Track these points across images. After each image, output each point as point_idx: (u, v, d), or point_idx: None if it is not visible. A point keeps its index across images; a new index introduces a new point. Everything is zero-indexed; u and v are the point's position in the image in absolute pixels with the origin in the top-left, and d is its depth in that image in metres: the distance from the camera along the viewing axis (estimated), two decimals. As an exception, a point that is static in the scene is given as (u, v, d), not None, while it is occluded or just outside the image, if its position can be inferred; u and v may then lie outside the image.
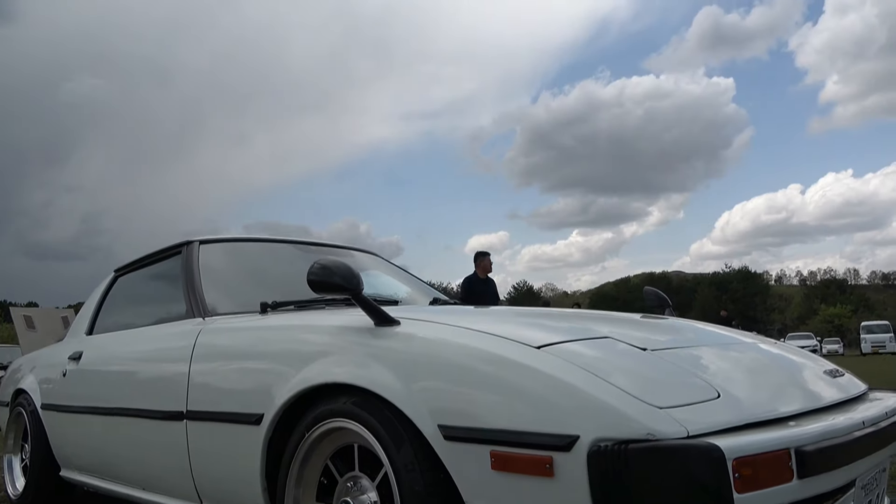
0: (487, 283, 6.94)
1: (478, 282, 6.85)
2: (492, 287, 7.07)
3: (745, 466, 1.06)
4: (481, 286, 6.84)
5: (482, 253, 7.03)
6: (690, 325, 2.02)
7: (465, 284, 6.92)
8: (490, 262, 6.98)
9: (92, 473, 2.69)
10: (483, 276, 6.88)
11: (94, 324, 3.07)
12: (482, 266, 6.87)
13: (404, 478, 1.36)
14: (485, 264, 6.88)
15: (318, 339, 1.70)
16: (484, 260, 6.91)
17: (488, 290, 6.93)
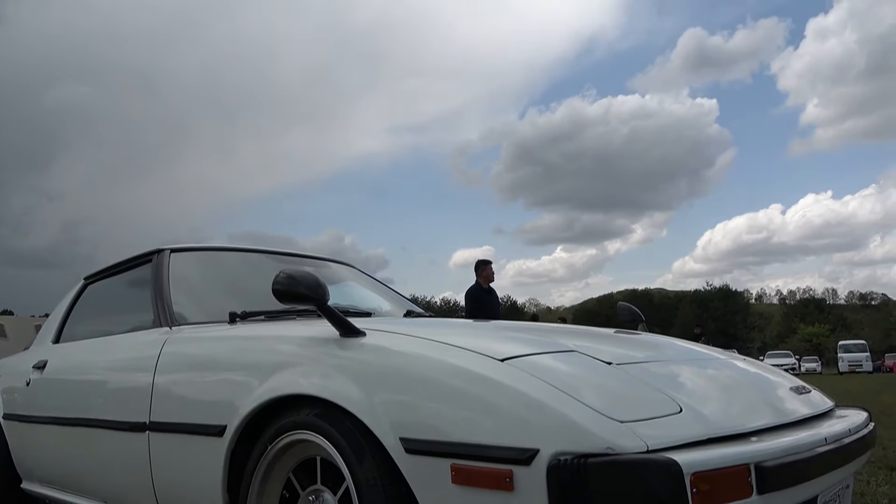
0: (491, 293, 6.61)
1: (482, 291, 6.49)
2: (494, 296, 6.74)
3: (703, 481, 1.06)
4: (487, 295, 6.51)
5: (483, 261, 6.68)
6: (661, 340, 2.03)
7: (471, 295, 6.51)
8: (492, 270, 6.64)
9: (53, 486, 2.62)
10: (486, 286, 6.54)
11: (61, 332, 3.01)
12: (484, 275, 6.54)
13: (366, 493, 1.34)
14: (487, 273, 6.56)
15: (284, 350, 1.68)
16: (486, 269, 6.59)
17: (494, 302, 6.64)
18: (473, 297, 6.46)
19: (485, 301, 6.40)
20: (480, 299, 6.42)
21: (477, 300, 6.42)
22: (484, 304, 6.35)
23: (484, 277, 6.52)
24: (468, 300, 6.52)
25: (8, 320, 7.74)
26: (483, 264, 6.61)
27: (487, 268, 6.56)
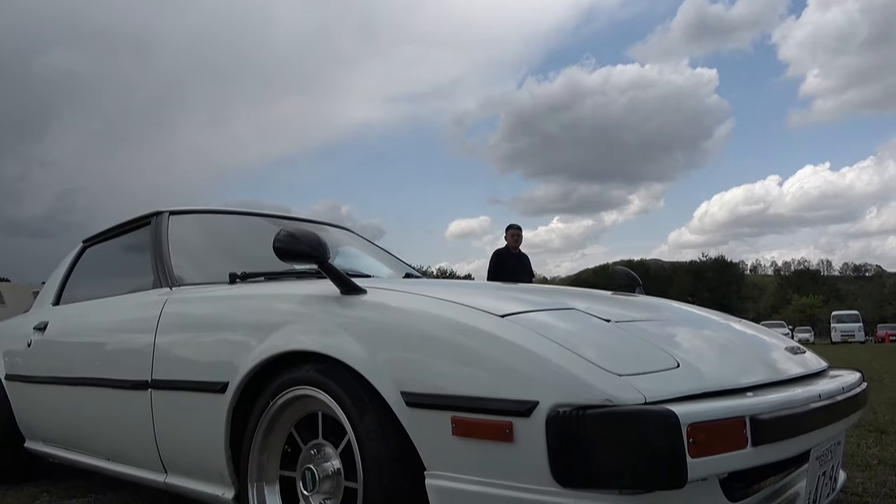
0: (520, 258, 6.38)
1: (508, 255, 6.30)
2: (525, 262, 6.46)
3: (700, 432, 1.08)
4: (513, 260, 6.28)
5: (511, 225, 6.45)
6: (658, 302, 2.04)
7: (495, 256, 6.34)
8: (520, 233, 6.41)
9: (57, 444, 2.65)
10: (514, 250, 6.32)
11: (60, 294, 3.02)
12: (511, 236, 6.31)
13: (367, 445, 1.36)
14: (509, 236, 6.32)
15: (284, 308, 1.69)
16: (510, 231, 6.35)
17: (521, 266, 6.34)
18: (496, 258, 6.35)
19: (507, 264, 6.22)
20: (503, 261, 6.27)
21: (499, 261, 6.29)
22: (506, 267, 6.17)
23: (511, 238, 6.33)
24: (491, 261, 6.40)
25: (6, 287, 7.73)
26: (509, 228, 6.43)
27: (511, 231, 6.37)
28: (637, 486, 1.07)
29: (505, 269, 6.13)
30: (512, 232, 6.35)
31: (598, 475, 1.08)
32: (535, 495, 1.15)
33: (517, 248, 6.37)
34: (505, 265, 6.19)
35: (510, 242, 6.33)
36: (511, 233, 6.35)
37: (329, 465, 1.51)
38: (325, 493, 1.51)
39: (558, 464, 1.11)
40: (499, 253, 6.35)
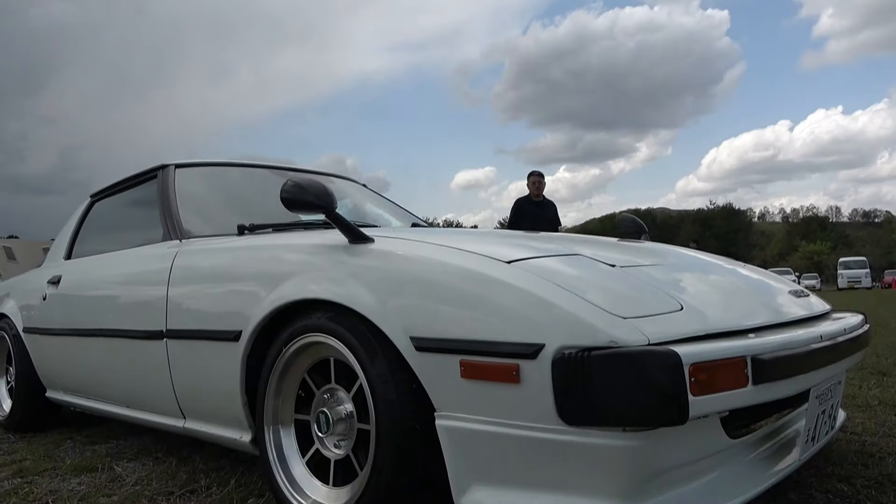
0: (543, 206, 6.10)
1: (530, 204, 6.05)
2: (550, 211, 6.16)
3: (701, 371, 1.11)
4: (535, 209, 6.02)
5: (532, 171, 6.19)
6: (664, 248, 2.06)
7: (515, 208, 6.10)
8: (542, 180, 6.11)
9: (76, 393, 2.74)
10: (536, 197, 6.06)
11: (71, 249, 3.06)
12: (532, 183, 6.05)
13: (378, 388, 1.41)
14: (530, 183, 6.05)
15: (294, 258, 1.72)
16: (530, 178, 6.09)
17: (544, 214, 6.05)
18: (516, 208, 6.12)
19: (529, 213, 5.99)
20: (524, 211, 6.05)
21: (519, 211, 6.07)
22: (527, 216, 5.93)
23: (533, 185, 6.08)
24: (511, 210, 6.20)
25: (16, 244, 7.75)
26: (530, 175, 6.17)
27: (532, 178, 6.11)
28: (640, 423, 1.11)
29: (526, 218, 5.90)
30: (533, 179, 6.09)
31: (603, 413, 1.12)
32: (541, 433, 1.19)
33: (540, 195, 6.10)
34: (526, 214, 5.96)
35: (531, 190, 6.07)
36: (532, 180, 6.09)
37: (342, 408, 1.56)
38: (339, 435, 1.56)
39: (564, 403, 1.15)
40: (519, 202, 6.12)
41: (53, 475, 2.26)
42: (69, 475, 2.25)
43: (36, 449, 2.69)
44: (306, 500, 1.57)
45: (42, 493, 2.05)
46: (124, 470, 2.26)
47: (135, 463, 2.37)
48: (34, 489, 2.09)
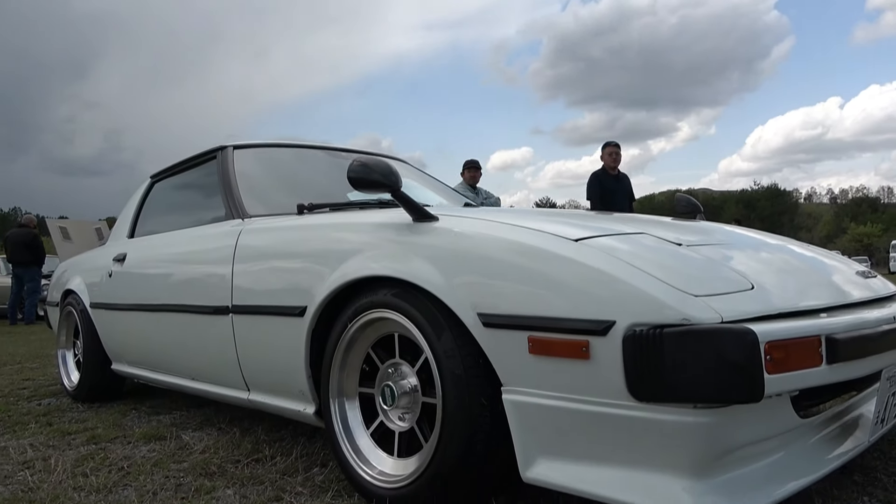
0: (620, 180, 5.80)
1: (607, 177, 5.72)
2: (626, 185, 5.86)
3: (777, 350, 1.11)
4: (612, 183, 5.71)
5: (607, 142, 5.86)
6: (722, 228, 2.04)
7: (593, 182, 5.70)
8: (619, 151, 5.76)
9: (141, 366, 2.85)
10: (613, 171, 5.75)
11: (134, 227, 3.17)
12: (609, 155, 5.71)
13: (445, 363, 1.44)
14: (612, 153, 5.71)
15: (358, 236, 1.75)
16: (605, 150, 5.75)
17: (622, 188, 5.77)
18: (596, 182, 5.69)
19: (608, 187, 5.64)
20: (602, 184, 5.65)
21: (599, 185, 5.66)
22: (606, 190, 5.60)
23: (605, 159, 5.74)
24: (589, 185, 5.76)
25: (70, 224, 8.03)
26: (605, 145, 5.84)
27: (608, 149, 5.74)
28: (714, 400, 1.12)
29: (606, 192, 5.57)
30: (609, 150, 5.73)
31: (675, 390, 1.13)
32: (610, 409, 1.21)
33: (616, 168, 5.76)
34: (606, 189, 5.60)
35: (608, 162, 5.74)
36: (608, 151, 5.73)
37: (406, 382, 1.60)
38: (403, 408, 1.60)
39: (634, 379, 1.16)
40: (597, 176, 5.74)
41: (125, 443, 2.38)
42: (139, 443, 2.36)
43: (105, 418, 2.82)
44: (372, 471, 1.63)
45: (117, 458, 2.16)
46: (191, 439, 2.36)
47: (200, 433, 2.47)
48: (109, 455, 2.20)
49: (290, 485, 1.80)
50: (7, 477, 2.01)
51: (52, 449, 2.32)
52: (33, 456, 2.22)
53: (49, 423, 2.77)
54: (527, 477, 1.33)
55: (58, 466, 2.06)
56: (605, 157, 5.77)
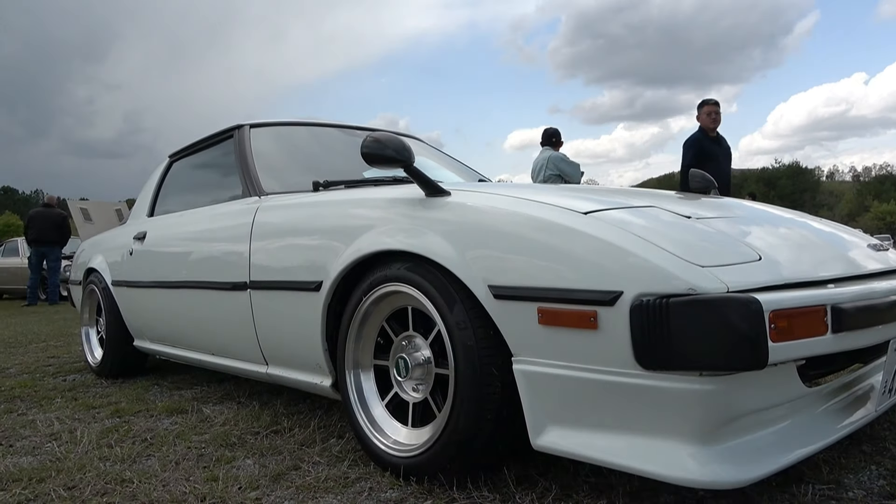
0: (720, 143, 5.20)
1: (708, 140, 5.09)
2: (725, 147, 5.23)
3: (781, 318, 1.13)
4: (714, 146, 5.09)
5: (705, 100, 5.18)
6: (735, 202, 2.04)
7: (691, 145, 5.07)
8: (719, 110, 5.11)
9: (163, 342, 2.92)
10: (713, 133, 5.11)
11: (154, 206, 3.23)
12: (707, 114, 5.07)
13: (457, 335, 1.47)
14: (710, 112, 5.06)
15: (372, 212, 1.78)
16: (704, 108, 5.10)
17: (723, 152, 5.17)
18: (696, 146, 5.04)
19: (709, 151, 5.01)
20: (703, 149, 5.00)
21: (700, 150, 4.99)
22: (708, 156, 4.92)
23: (708, 118, 5.07)
24: (686, 152, 5.11)
25: (91, 205, 8.13)
26: (703, 104, 5.17)
27: (707, 107, 5.09)
28: (719, 368, 1.14)
29: (706, 157, 4.87)
30: (708, 109, 5.08)
31: (681, 358, 1.15)
32: (617, 377, 1.24)
33: (715, 129, 5.12)
34: (707, 154, 4.96)
35: (706, 123, 5.09)
36: (706, 110, 5.08)
37: (420, 354, 1.64)
38: (417, 379, 1.64)
39: (642, 348, 1.19)
40: (696, 140, 5.10)
41: (147, 416, 2.45)
42: (162, 416, 2.43)
43: (128, 393, 2.90)
44: (387, 440, 1.67)
45: (140, 430, 2.23)
46: (212, 412, 2.43)
47: (220, 406, 2.54)
48: (132, 427, 2.27)
49: (308, 455, 1.85)
50: (35, 448, 2.09)
51: (78, 422, 2.40)
52: (60, 428, 2.30)
53: (74, 397, 2.86)
54: (537, 444, 1.36)
55: (83, 438, 2.13)
56: (702, 118, 5.10)
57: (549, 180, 5.57)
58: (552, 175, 5.60)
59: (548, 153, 5.75)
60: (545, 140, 5.91)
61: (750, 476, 1.18)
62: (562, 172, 5.60)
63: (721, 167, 4.91)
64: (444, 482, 1.52)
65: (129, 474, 1.75)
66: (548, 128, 5.98)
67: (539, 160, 5.80)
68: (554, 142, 5.86)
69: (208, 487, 1.62)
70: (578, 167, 5.73)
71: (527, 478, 1.58)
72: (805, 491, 1.43)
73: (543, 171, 5.65)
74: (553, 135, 5.90)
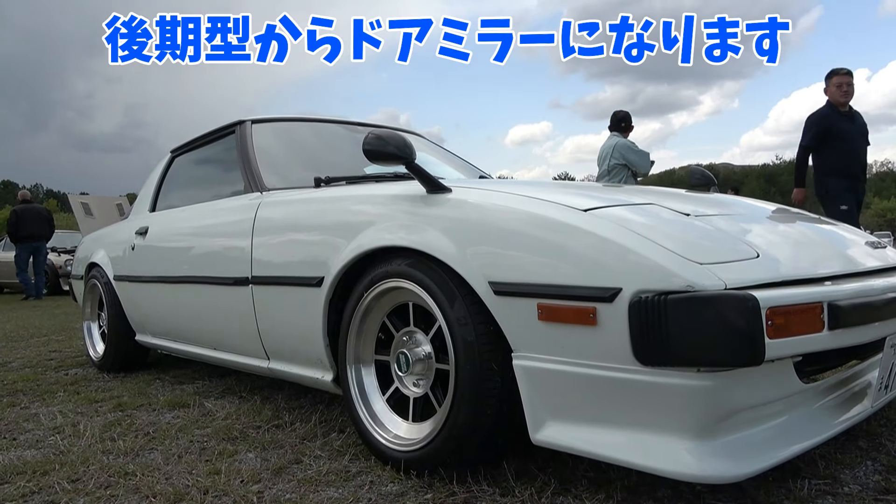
0: (853, 119, 4.47)
1: (838, 117, 4.39)
2: (860, 124, 4.50)
3: (778, 315, 1.14)
4: (845, 123, 4.39)
5: (835, 70, 4.47)
6: (734, 199, 2.06)
7: (814, 123, 4.44)
8: (851, 81, 4.41)
9: (164, 337, 2.94)
10: (844, 107, 4.42)
11: (156, 201, 3.24)
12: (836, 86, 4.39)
13: (457, 330, 1.49)
14: (841, 83, 4.38)
15: (374, 208, 1.79)
16: (839, 77, 4.41)
17: (857, 129, 4.46)
18: (817, 125, 4.42)
19: (839, 129, 4.35)
20: (832, 127, 4.37)
21: (826, 129, 4.38)
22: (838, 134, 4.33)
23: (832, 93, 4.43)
24: (807, 131, 4.51)
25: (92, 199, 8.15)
26: (832, 74, 4.48)
27: (837, 78, 4.42)
28: (716, 364, 1.15)
29: (836, 136, 4.35)
30: (837, 80, 4.40)
31: (679, 354, 1.16)
32: (616, 373, 1.25)
33: (847, 104, 4.43)
34: (835, 133, 4.36)
35: (836, 97, 4.42)
36: (836, 81, 4.40)
37: (420, 349, 1.65)
38: (418, 375, 1.66)
39: (640, 344, 1.20)
40: (822, 116, 4.45)
41: (150, 410, 2.47)
42: (164, 410, 2.45)
43: (130, 387, 2.92)
44: (387, 434, 1.69)
45: (143, 424, 2.24)
46: (213, 406, 2.44)
47: (222, 401, 2.56)
48: (135, 421, 2.29)
49: (310, 448, 1.87)
50: (39, 441, 2.11)
51: (81, 415, 2.41)
52: (63, 422, 2.31)
53: (77, 391, 2.87)
54: (536, 439, 1.38)
55: (86, 431, 2.15)
56: (830, 90, 4.44)
57: (613, 170, 5.21)
58: (617, 165, 5.22)
59: (615, 140, 5.34)
60: (613, 125, 5.46)
61: (747, 471, 1.20)
62: (628, 162, 5.23)
63: (855, 147, 4.40)
64: (445, 476, 1.54)
65: (132, 467, 1.77)
66: (617, 111, 5.52)
67: (605, 147, 5.40)
68: (623, 127, 5.39)
69: (211, 480, 1.64)
70: (648, 156, 5.31)
71: (526, 472, 1.60)
72: (801, 486, 1.44)
73: (608, 160, 5.27)
74: (623, 119, 5.41)
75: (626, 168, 5.24)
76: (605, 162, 5.32)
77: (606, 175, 5.31)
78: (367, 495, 1.52)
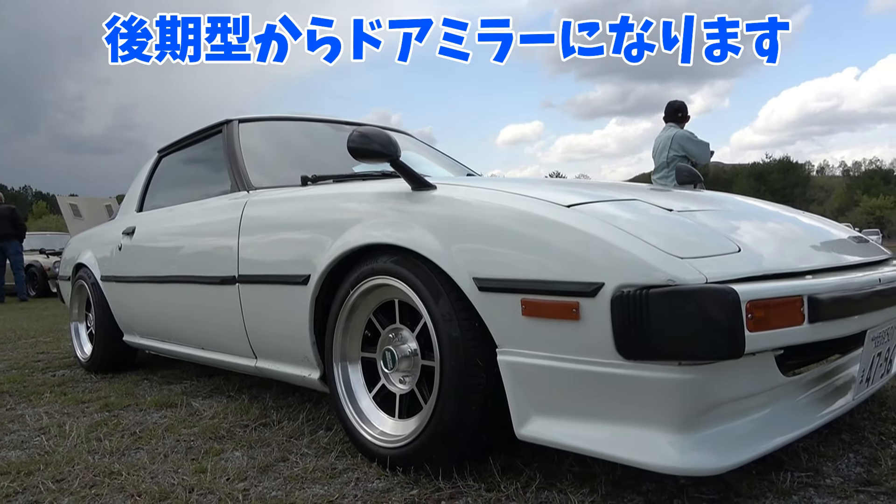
0: None
1: None
2: None
3: (758, 308, 1.15)
4: None
5: None
6: (718, 195, 2.07)
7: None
8: None
9: (152, 337, 2.92)
10: None
11: (143, 202, 3.23)
12: None
13: (442, 327, 1.49)
14: None
15: (359, 206, 1.79)
16: None
17: None
18: None
19: None
20: None
21: None
22: None
23: None
24: None
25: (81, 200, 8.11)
26: None
27: None
28: (697, 357, 1.16)
29: None
30: None
31: (660, 348, 1.17)
32: (599, 367, 1.26)
33: None
34: None
35: None
36: None
37: (406, 346, 1.65)
38: (404, 371, 1.66)
39: (622, 338, 1.20)
40: None
41: (137, 410, 2.45)
42: (151, 409, 2.44)
43: (117, 387, 2.90)
44: (374, 431, 1.69)
45: (129, 423, 2.23)
46: (201, 406, 2.43)
47: (209, 400, 2.55)
48: (121, 421, 2.28)
49: (297, 447, 1.87)
50: (24, 442, 2.09)
51: (67, 416, 2.40)
52: (49, 423, 2.30)
53: (63, 392, 2.86)
54: (521, 434, 1.38)
55: (72, 432, 2.14)
56: None
57: (672, 162, 5.04)
58: (676, 156, 5.07)
59: (672, 131, 5.22)
60: (669, 115, 5.33)
61: (729, 463, 1.21)
62: (688, 153, 5.10)
63: None
64: (430, 472, 1.54)
65: (117, 467, 1.76)
66: (673, 101, 5.38)
67: (661, 139, 5.27)
68: (680, 117, 5.31)
69: (196, 479, 1.63)
70: (707, 146, 5.25)
71: (511, 467, 1.60)
72: (784, 478, 1.45)
73: (667, 152, 5.14)
74: (679, 109, 5.32)
75: (686, 159, 5.09)
76: (664, 154, 5.18)
77: (665, 167, 5.13)
78: (352, 492, 1.52)
